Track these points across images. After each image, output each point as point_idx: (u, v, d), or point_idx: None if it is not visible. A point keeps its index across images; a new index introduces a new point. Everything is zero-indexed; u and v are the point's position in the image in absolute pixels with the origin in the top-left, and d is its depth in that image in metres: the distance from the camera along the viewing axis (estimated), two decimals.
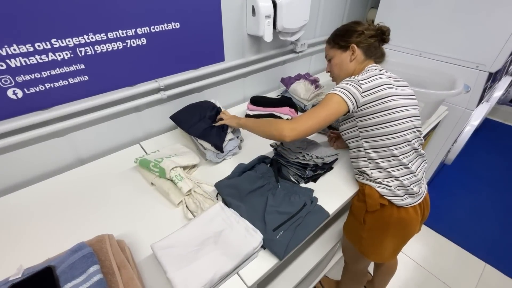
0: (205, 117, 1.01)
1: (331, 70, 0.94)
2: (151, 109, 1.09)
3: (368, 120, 0.77)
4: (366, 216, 0.87)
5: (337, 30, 0.90)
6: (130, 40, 0.89)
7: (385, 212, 0.83)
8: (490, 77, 1.31)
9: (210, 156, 0.97)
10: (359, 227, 0.90)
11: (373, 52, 0.85)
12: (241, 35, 1.21)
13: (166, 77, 1.05)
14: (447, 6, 1.27)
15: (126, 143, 1.09)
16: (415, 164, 0.82)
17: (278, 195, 0.80)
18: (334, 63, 0.90)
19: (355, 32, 0.85)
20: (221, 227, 0.68)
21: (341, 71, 0.89)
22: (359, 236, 0.92)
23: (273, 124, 0.79)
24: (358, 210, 0.89)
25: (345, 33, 0.86)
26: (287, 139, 0.74)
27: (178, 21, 0.97)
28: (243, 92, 1.41)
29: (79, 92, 0.87)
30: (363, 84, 0.75)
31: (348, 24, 0.89)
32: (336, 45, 0.89)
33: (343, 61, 0.87)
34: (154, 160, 0.85)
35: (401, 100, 0.76)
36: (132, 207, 0.81)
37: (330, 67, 0.93)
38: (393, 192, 0.80)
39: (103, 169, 0.95)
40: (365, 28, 0.84)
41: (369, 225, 0.87)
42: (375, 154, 0.80)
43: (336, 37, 0.89)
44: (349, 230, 1.00)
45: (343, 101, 0.74)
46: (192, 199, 0.81)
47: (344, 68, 0.88)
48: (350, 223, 0.98)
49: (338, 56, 0.88)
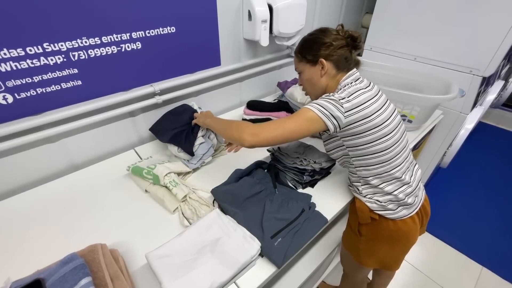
0: (177, 121, 0.97)
1: (303, 85, 0.86)
2: (146, 114, 1.08)
3: (356, 139, 0.72)
4: (360, 228, 0.86)
5: (304, 42, 0.81)
6: (124, 44, 0.88)
7: (379, 225, 0.81)
8: (484, 81, 1.32)
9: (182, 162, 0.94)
10: (356, 238, 0.89)
11: (345, 64, 0.77)
12: (237, 39, 1.21)
13: (161, 82, 1.04)
14: (441, 12, 1.29)
15: (121, 148, 1.07)
16: (408, 174, 0.79)
17: (275, 201, 0.79)
18: (304, 78, 0.82)
19: (323, 44, 0.76)
20: (218, 235, 0.66)
21: (313, 87, 0.82)
22: (356, 247, 0.91)
23: (236, 125, 0.75)
24: (353, 221, 0.88)
25: (312, 46, 0.78)
26: (246, 144, 0.69)
27: (174, 25, 0.96)
28: (239, 96, 1.41)
29: (72, 97, 0.85)
30: (345, 103, 0.68)
31: (315, 34, 0.79)
32: (304, 59, 0.80)
33: (313, 77, 0.79)
34: (147, 167, 0.84)
35: (385, 112, 0.72)
36: (126, 214, 0.79)
37: (301, 81, 0.85)
38: (383, 207, 0.78)
39: (97, 175, 0.93)
40: (333, 39, 0.75)
41: (365, 237, 0.86)
42: (367, 172, 0.77)
43: (303, 50, 0.80)
44: (347, 240, 0.98)
45: (319, 119, 0.68)
46: (188, 206, 0.80)
47: (315, 83, 0.80)
48: (348, 233, 0.97)
49: (308, 71, 0.80)
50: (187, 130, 0.95)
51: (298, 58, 0.83)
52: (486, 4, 1.14)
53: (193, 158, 0.94)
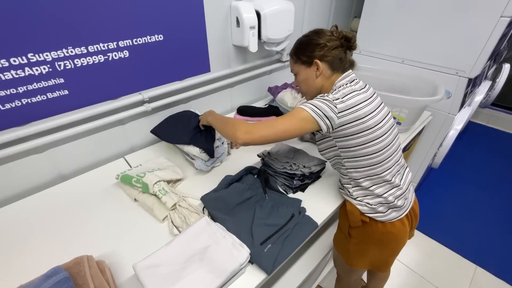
0: (189, 125, 0.99)
1: (299, 86, 0.86)
2: (136, 122, 1.07)
3: (349, 141, 0.73)
4: (350, 230, 0.86)
5: (299, 43, 0.82)
6: (112, 53, 0.87)
7: (369, 228, 0.81)
8: (470, 82, 1.35)
9: (199, 164, 0.95)
10: (346, 241, 0.89)
11: (339, 64, 0.78)
12: (226, 45, 1.21)
13: (150, 89, 1.04)
14: (427, 16, 1.32)
15: (110, 157, 1.06)
16: (398, 177, 0.80)
17: (265, 206, 0.79)
18: (300, 79, 0.83)
19: (317, 45, 0.76)
20: (206, 243, 0.65)
21: (309, 87, 0.83)
22: (347, 249, 0.91)
23: (231, 123, 0.75)
24: (343, 224, 0.88)
25: (307, 47, 0.78)
26: (239, 141, 0.70)
27: (162, 33, 0.96)
28: (230, 102, 1.41)
29: (58, 106, 0.84)
30: (339, 104, 0.69)
31: (309, 35, 0.80)
32: (299, 60, 0.81)
33: (309, 78, 0.80)
34: (136, 175, 0.83)
35: (378, 114, 0.73)
36: (115, 224, 0.78)
37: (297, 82, 0.86)
38: (374, 209, 0.78)
39: (85, 185, 0.92)
40: (328, 40, 0.76)
41: (355, 239, 0.86)
42: (357, 173, 0.77)
43: (298, 52, 0.81)
44: (338, 242, 0.98)
45: (312, 119, 0.68)
46: (178, 214, 0.79)
47: (310, 84, 0.81)
48: (338, 236, 0.97)
49: (303, 72, 0.81)
50: (206, 132, 0.96)
51: (293, 59, 0.83)
52: (470, 8, 1.17)
53: (210, 160, 0.96)
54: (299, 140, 1.18)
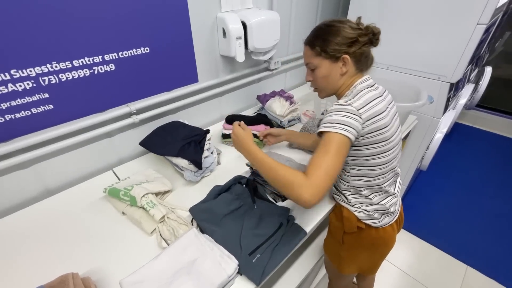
0: (177, 136, 0.99)
1: (315, 81, 0.77)
2: (124, 134, 1.07)
3: (363, 150, 0.69)
4: (344, 236, 0.86)
5: (323, 32, 0.71)
6: (97, 66, 0.88)
7: (363, 233, 0.82)
8: (452, 87, 1.39)
9: (188, 175, 0.95)
10: (338, 247, 0.90)
11: (364, 63, 0.73)
12: (213, 56, 1.23)
13: (137, 101, 1.04)
14: (409, 23, 1.36)
15: (98, 170, 1.05)
16: (393, 186, 0.81)
17: (254, 216, 0.79)
18: (320, 74, 0.73)
19: (349, 39, 0.68)
20: (194, 256, 0.65)
21: (328, 85, 0.75)
22: (338, 255, 0.91)
23: (289, 180, 0.61)
24: (336, 230, 0.88)
25: (335, 39, 0.69)
26: (307, 206, 0.58)
27: (148, 45, 0.97)
28: (219, 111, 1.42)
29: (43, 121, 0.84)
30: (363, 113, 0.64)
31: (335, 25, 0.70)
32: (323, 53, 0.70)
33: (332, 74, 0.72)
34: (124, 188, 0.83)
35: (393, 126, 0.70)
36: (103, 239, 0.77)
37: (313, 77, 0.76)
38: (370, 216, 0.79)
39: (72, 199, 0.91)
40: (359, 34, 0.69)
41: (348, 245, 0.87)
42: (361, 182, 0.76)
43: (323, 43, 0.70)
44: (329, 248, 0.98)
45: (347, 140, 0.63)
46: (166, 226, 0.79)
47: (331, 82, 0.73)
48: (329, 242, 0.97)
49: (326, 67, 0.71)
50: (194, 143, 0.96)
51: (314, 51, 0.72)
52: (448, 17, 1.22)
53: (199, 171, 0.95)
54: (287, 147, 1.19)
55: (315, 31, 0.74)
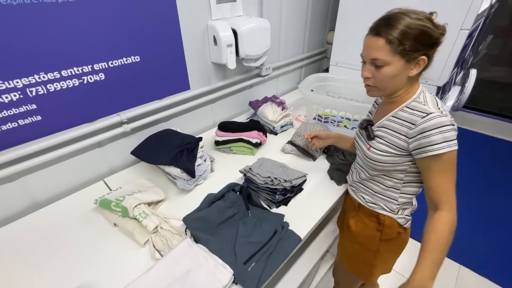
0: (170, 144, 0.99)
1: (376, 79, 0.67)
2: (115, 143, 1.06)
3: None
4: (380, 245, 0.83)
5: (408, 26, 0.59)
6: (86, 76, 0.87)
7: (400, 238, 0.82)
8: (439, 90, 1.42)
9: (181, 184, 0.94)
10: (371, 256, 0.86)
11: (426, 68, 0.66)
12: (205, 63, 1.23)
13: (128, 110, 1.03)
14: None
15: (89, 180, 1.03)
16: None
17: (249, 223, 0.79)
18: (387, 73, 0.64)
19: (432, 38, 0.60)
20: (188, 267, 0.64)
21: (389, 85, 0.67)
22: (369, 265, 0.87)
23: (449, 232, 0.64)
24: (369, 241, 0.84)
25: (419, 37, 0.60)
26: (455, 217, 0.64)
27: (138, 54, 0.96)
28: (212, 118, 1.42)
29: (31, 133, 0.82)
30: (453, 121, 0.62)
31: (423, 20, 0.60)
32: (402, 51, 0.61)
33: (399, 75, 0.64)
34: (116, 199, 0.81)
35: None
36: (94, 252, 0.75)
37: (376, 74, 0.66)
38: (407, 219, 0.80)
39: (62, 212, 0.89)
40: (441, 32, 0.61)
41: (383, 253, 0.84)
42: (412, 188, 0.75)
43: (404, 38, 0.60)
44: (356, 261, 0.92)
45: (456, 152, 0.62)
46: (159, 237, 0.77)
47: (394, 83, 0.66)
48: (356, 254, 0.90)
49: (397, 66, 0.62)
50: (187, 151, 0.95)
51: (390, 46, 0.61)
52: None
53: (192, 179, 0.95)
54: (280, 152, 1.19)
55: (395, 23, 0.61)
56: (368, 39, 0.67)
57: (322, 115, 1.35)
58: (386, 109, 0.76)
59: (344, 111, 1.28)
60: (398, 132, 0.68)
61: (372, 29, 0.66)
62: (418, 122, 0.63)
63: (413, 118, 0.65)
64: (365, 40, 0.68)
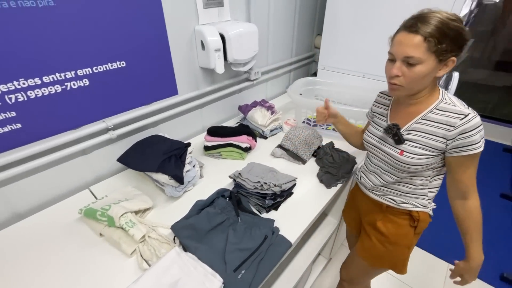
0: (157, 151, 0.97)
1: (406, 78, 0.66)
2: (100, 151, 1.03)
3: None
4: (414, 239, 0.86)
5: (447, 27, 0.60)
6: (70, 82, 0.84)
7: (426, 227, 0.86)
8: None
9: (169, 191, 0.92)
10: (406, 252, 0.88)
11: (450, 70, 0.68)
12: (193, 68, 1.22)
13: (114, 116, 1.00)
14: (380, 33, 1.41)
15: (73, 189, 1.00)
16: None
17: (239, 230, 0.78)
18: (420, 72, 0.63)
19: (464, 40, 0.62)
20: (177, 277, 0.63)
21: (418, 85, 0.67)
22: (401, 259, 0.89)
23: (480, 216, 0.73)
24: (405, 237, 0.86)
25: (455, 38, 0.61)
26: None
27: (124, 59, 0.95)
28: (201, 122, 1.40)
29: (10, 141, 0.79)
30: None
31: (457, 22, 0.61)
32: (437, 50, 0.61)
33: (429, 75, 0.64)
34: (101, 208, 0.79)
35: None
36: (79, 264, 0.73)
37: (406, 72, 0.65)
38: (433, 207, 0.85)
39: (44, 223, 0.85)
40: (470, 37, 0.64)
41: (414, 243, 0.89)
42: (438, 181, 0.79)
43: (443, 38, 0.60)
44: (389, 259, 0.91)
45: None
46: (147, 246, 0.76)
47: (422, 83, 0.66)
48: (391, 253, 0.89)
49: (429, 65, 0.62)
50: (175, 158, 0.93)
51: (428, 44, 0.61)
52: None
53: (181, 185, 0.93)
54: (270, 156, 1.19)
55: (433, 21, 0.61)
56: (402, 36, 0.65)
57: (311, 118, 1.36)
58: (408, 111, 0.75)
59: None
60: (435, 135, 0.69)
61: (406, 26, 0.65)
62: (457, 124, 0.65)
63: (449, 120, 0.67)
64: (398, 37, 0.66)
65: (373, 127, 0.86)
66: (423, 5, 0.68)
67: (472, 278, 0.79)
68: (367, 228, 0.94)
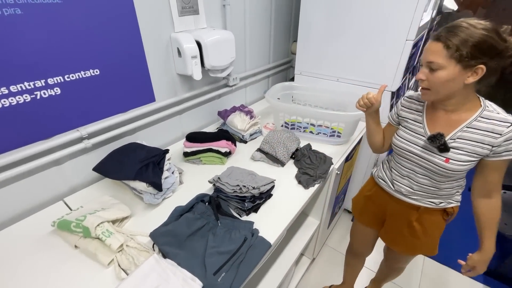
0: (134, 158, 0.96)
1: (430, 81, 0.71)
2: (75, 160, 1.00)
3: None
4: (444, 226, 0.95)
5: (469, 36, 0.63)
6: (40, 91, 0.82)
7: None
8: (394, 95, 1.55)
9: (148, 199, 0.91)
10: (437, 239, 0.96)
11: (488, 81, 0.68)
12: (170, 75, 1.22)
13: (89, 125, 0.98)
14: (352, 39, 1.50)
15: (46, 202, 0.97)
16: None
17: (218, 233, 0.79)
18: (441, 76, 0.68)
19: (495, 49, 0.63)
20: (155, 283, 0.63)
21: (445, 90, 0.71)
22: (435, 244, 0.97)
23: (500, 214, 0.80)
24: (438, 228, 0.94)
25: (478, 46, 0.63)
26: None
27: (97, 67, 0.94)
28: (181, 129, 1.40)
29: None
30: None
31: (489, 32, 0.63)
32: (458, 57, 0.64)
33: (454, 81, 0.68)
34: (76, 219, 0.77)
35: None
36: (53, 279, 0.70)
37: (430, 77, 0.70)
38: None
39: (14, 238, 0.82)
40: (507, 46, 0.63)
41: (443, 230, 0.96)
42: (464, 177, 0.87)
43: (464, 45, 0.63)
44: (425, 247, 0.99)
45: None
46: (125, 255, 0.74)
47: (447, 88, 0.70)
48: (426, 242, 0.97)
49: (452, 71, 0.66)
50: (152, 165, 0.93)
51: (448, 51, 0.65)
52: (382, 33, 1.37)
53: (159, 192, 0.92)
54: (250, 160, 1.21)
55: (457, 30, 0.64)
56: (428, 44, 0.71)
57: (289, 122, 1.39)
58: (449, 118, 0.78)
59: (309, 118, 1.34)
60: (482, 142, 0.73)
61: (434, 35, 0.70)
62: (504, 132, 0.69)
63: (496, 128, 0.70)
64: (426, 45, 0.72)
65: (405, 132, 0.88)
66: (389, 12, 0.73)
67: (483, 269, 0.86)
68: (399, 226, 0.99)
